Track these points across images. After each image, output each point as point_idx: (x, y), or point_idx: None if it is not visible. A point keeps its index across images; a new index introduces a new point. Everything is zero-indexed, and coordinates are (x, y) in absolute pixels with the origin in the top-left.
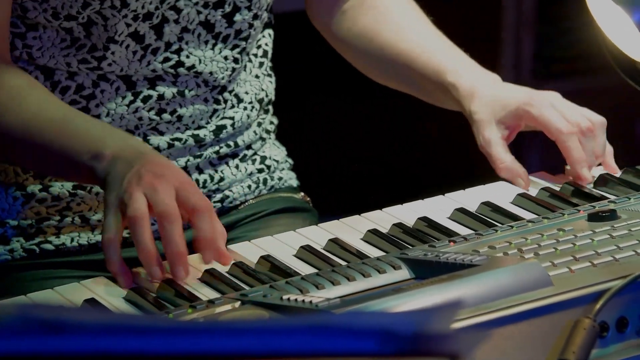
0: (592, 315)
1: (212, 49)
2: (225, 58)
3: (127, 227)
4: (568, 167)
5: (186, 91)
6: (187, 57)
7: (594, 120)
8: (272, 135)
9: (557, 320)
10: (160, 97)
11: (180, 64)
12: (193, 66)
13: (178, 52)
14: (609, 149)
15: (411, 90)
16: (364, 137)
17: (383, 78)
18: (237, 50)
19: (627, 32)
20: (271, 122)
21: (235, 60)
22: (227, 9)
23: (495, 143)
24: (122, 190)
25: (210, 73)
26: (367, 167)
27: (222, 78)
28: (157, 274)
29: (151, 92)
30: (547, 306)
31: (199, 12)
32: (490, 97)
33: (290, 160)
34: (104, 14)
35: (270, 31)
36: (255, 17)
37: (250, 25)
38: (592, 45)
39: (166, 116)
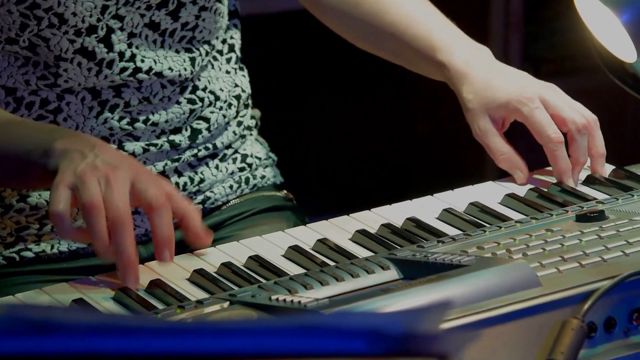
0: (580, 315)
1: (162, 46)
2: (177, 51)
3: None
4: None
5: (151, 97)
6: (142, 60)
7: (588, 117)
8: (254, 131)
9: (546, 321)
10: (127, 104)
11: (137, 70)
12: (151, 68)
13: (132, 58)
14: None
15: (397, 61)
16: (353, 137)
17: (366, 45)
18: (185, 40)
19: (615, 32)
20: (252, 117)
21: (188, 50)
22: (171, 7)
23: (492, 133)
24: (75, 175)
25: (170, 69)
26: (355, 168)
27: (185, 70)
28: (108, 260)
29: (117, 100)
30: (535, 306)
31: (142, 15)
32: (482, 84)
33: (273, 156)
34: (44, 35)
35: (236, 21)
36: (203, 8)
37: (197, 17)
38: (580, 46)
39: (139, 125)
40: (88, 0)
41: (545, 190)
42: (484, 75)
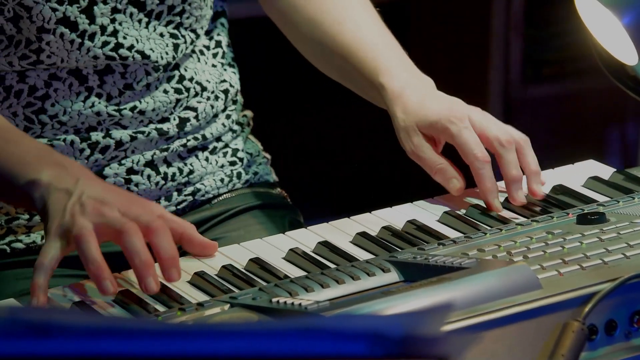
0: (581, 318)
1: (147, 27)
2: (161, 35)
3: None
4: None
5: (134, 83)
6: (124, 37)
7: (516, 136)
8: (247, 129)
9: (546, 323)
10: (109, 96)
11: (119, 45)
12: (132, 46)
13: (114, 34)
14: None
15: (348, 85)
16: (354, 139)
17: (326, 69)
18: (172, 25)
19: (616, 35)
20: (244, 115)
21: (173, 36)
22: None
23: (425, 147)
24: (65, 219)
25: (152, 50)
26: (356, 170)
27: (167, 54)
28: (109, 288)
29: (100, 90)
30: (536, 309)
31: None
32: (416, 104)
33: (267, 156)
34: (26, 4)
35: (223, 20)
36: None
37: (184, 1)
38: (581, 48)
39: (126, 112)
40: None
41: (546, 192)
42: (418, 98)
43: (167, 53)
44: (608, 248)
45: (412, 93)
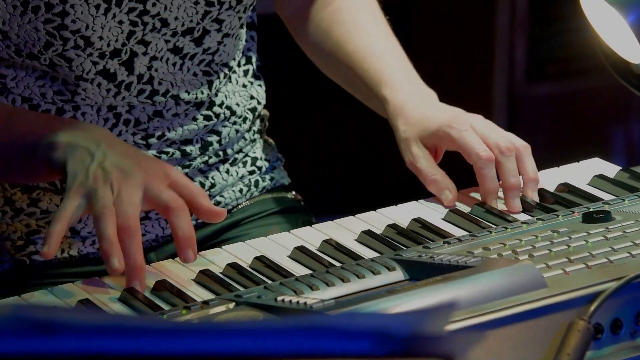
0: (586, 317)
1: (181, 69)
2: (195, 74)
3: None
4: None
5: (164, 111)
6: (160, 83)
7: (517, 143)
8: (263, 133)
9: (552, 322)
10: (137, 121)
11: (154, 92)
12: (167, 91)
13: (150, 81)
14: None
15: (354, 93)
16: (359, 137)
17: (335, 77)
18: (204, 63)
19: (621, 33)
20: (262, 120)
21: (206, 73)
22: (196, 34)
23: (423, 158)
24: (87, 182)
25: (187, 92)
26: (361, 168)
27: (202, 93)
28: (115, 264)
29: (129, 116)
30: (541, 308)
31: (167, 41)
32: (416, 116)
33: (281, 157)
34: (68, 55)
35: (253, 33)
36: (226, 35)
37: (220, 43)
38: (586, 46)
39: (153, 140)
40: (116, 25)
41: (552, 191)
42: (419, 110)
43: (202, 92)
44: (614, 247)
45: (414, 106)
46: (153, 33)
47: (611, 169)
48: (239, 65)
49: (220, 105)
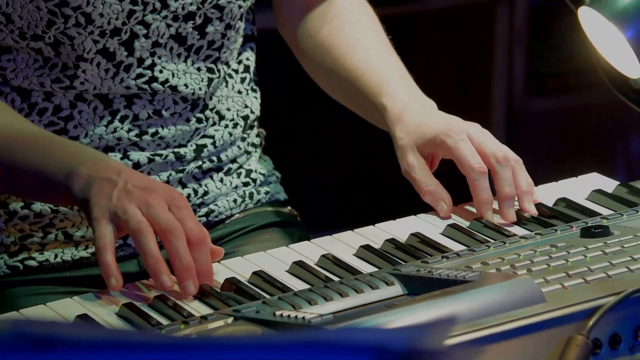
0: (585, 332)
1: (185, 61)
2: (199, 69)
3: (130, 238)
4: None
5: (163, 111)
6: (160, 71)
7: (511, 156)
8: (259, 149)
9: (550, 337)
10: (136, 117)
11: (153, 79)
12: (167, 80)
13: (151, 67)
14: (531, 182)
15: (354, 109)
16: (357, 152)
17: (335, 93)
18: (210, 60)
19: (619, 48)
20: (257, 136)
21: (210, 70)
22: (198, 20)
23: (419, 167)
24: (112, 205)
25: (186, 86)
26: (359, 183)
27: (200, 89)
28: (166, 282)
29: (127, 111)
30: (540, 323)
31: (169, 26)
32: (414, 124)
33: (277, 174)
34: (69, 34)
35: (253, 45)
36: (229, 27)
37: (223, 36)
38: (584, 61)
39: (147, 137)
40: (115, 3)
41: (550, 206)
42: (417, 118)
43: (200, 89)
44: (612, 261)
45: (412, 114)
46: (154, 15)
47: (610, 184)
48: (236, 71)
49: (212, 110)
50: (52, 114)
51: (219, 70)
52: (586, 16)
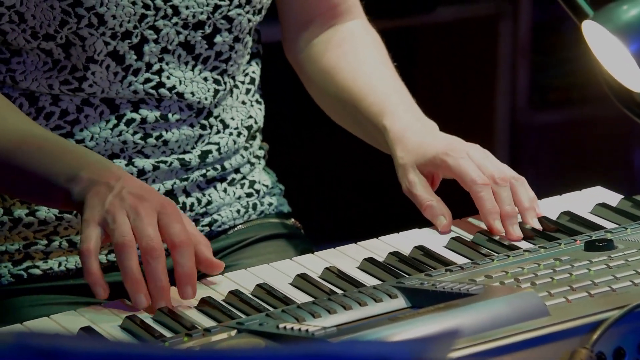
0: (589, 345)
1: (192, 70)
2: (205, 79)
3: (114, 251)
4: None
5: (169, 115)
6: (168, 77)
7: (509, 175)
8: (262, 161)
9: (554, 351)
10: (144, 120)
11: (161, 84)
12: (174, 87)
13: (159, 72)
14: (532, 196)
15: (358, 134)
16: (361, 165)
17: (338, 117)
18: (217, 71)
19: (623, 62)
20: (260, 148)
21: (216, 82)
22: (208, 30)
23: (419, 184)
24: (104, 210)
25: (192, 94)
26: (363, 196)
27: (206, 99)
28: (142, 302)
29: (134, 115)
30: (544, 336)
31: (178, 33)
32: (414, 144)
33: (281, 186)
34: (81, 34)
35: (258, 60)
36: (237, 39)
37: (231, 48)
38: (588, 74)
39: (151, 140)
40: (128, 5)
41: (554, 219)
42: (418, 138)
43: (206, 98)
44: (616, 275)
45: (413, 134)
46: (165, 20)
47: (614, 198)
48: (242, 82)
49: (216, 118)
50: (59, 117)
51: (225, 83)
52: (590, 30)
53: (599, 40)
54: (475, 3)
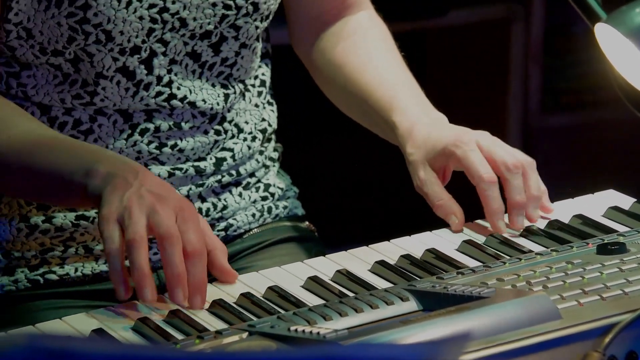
0: (601, 349)
1: (200, 78)
2: (213, 85)
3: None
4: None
5: (182, 123)
6: (178, 88)
7: (522, 159)
8: (277, 164)
9: (566, 354)
10: (157, 129)
11: (172, 96)
12: (185, 97)
13: (169, 84)
14: (543, 189)
15: (368, 125)
16: (372, 167)
17: (347, 110)
18: (223, 76)
19: (635, 65)
20: (275, 150)
21: (224, 86)
22: (214, 39)
23: (430, 182)
24: (121, 206)
25: (204, 101)
26: (375, 198)
27: (218, 104)
28: (147, 295)
29: (148, 124)
30: (555, 339)
31: (185, 44)
32: (423, 138)
33: (295, 189)
34: (89, 51)
35: (268, 61)
36: (243, 45)
37: (237, 54)
38: (600, 77)
39: (166, 150)
40: (136, 21)
41: (566, 222)
42: (427, 132)
43: (217, 104)
44: (628, 278)
45: (421, 128)
46: (172, 33)
47: (626, 201)
48: (253, 86)
49: (230, 122)
50: (72, 127)
51: (233, 87)
52: (603, 33)
53: (612, 43)
54: (487, 6)
